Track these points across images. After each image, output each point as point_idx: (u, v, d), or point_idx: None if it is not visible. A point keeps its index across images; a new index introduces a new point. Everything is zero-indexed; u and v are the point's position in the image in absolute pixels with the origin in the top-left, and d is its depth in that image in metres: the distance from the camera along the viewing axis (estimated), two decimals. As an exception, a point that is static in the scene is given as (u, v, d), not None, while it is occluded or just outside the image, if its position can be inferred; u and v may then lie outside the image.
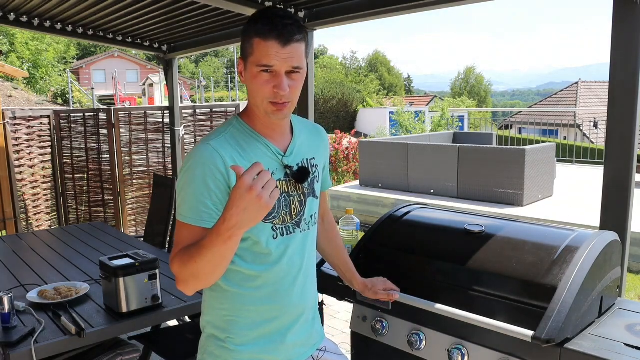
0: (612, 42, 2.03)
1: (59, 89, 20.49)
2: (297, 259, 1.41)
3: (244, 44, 1.31)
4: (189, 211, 1.27)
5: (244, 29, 1.31)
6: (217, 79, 35.09)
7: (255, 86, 1.30)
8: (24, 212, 5.38)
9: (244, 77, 1.34)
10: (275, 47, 1.25)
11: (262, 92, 1.29)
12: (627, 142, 2.01)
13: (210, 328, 1.45)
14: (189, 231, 1.26)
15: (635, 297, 4.90)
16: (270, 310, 1.40)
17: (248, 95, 1.36)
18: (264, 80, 1.28)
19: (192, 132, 6.25)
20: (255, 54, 1.27)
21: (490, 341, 1.62)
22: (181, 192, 1.29)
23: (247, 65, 1.31)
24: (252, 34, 1.28)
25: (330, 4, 3.35)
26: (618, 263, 1.77)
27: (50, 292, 2.30)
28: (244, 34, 1.30)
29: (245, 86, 1.37)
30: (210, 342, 1.45)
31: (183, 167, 1.30)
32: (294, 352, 1.46)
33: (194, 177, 1.26)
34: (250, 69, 1.30)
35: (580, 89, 23.18)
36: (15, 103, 15.05)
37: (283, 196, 1.37)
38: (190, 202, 1.26)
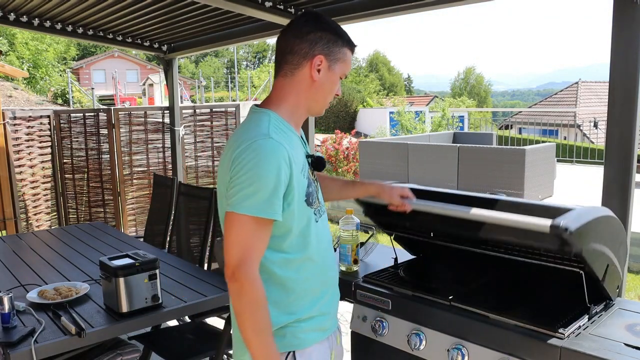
0: (612, 42, 2.03)
1: (59, 89, 20.47)
2: (329, 235, 1.56)
3: (333, 47, 1.43)
4: (263, 204, 1.30)
5: (335, 32, 1.44)
6: (217, 79, 35.07)
7: (329, 89, 1.46)
8: (24, 212, 5.37)
9: (321, 76, 1.43)
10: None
11: (331, 94, 1.47)
12: (627, 142, 2.01)
13: (290, 316, 1.45)
14: (259, 224, 1.30)
15: (635, 297, 4.90)
16: (322, 285, 1.51)
17: (309, 92, 1.45)
18: (337, 86, 1.48)
19: (192, 132, 6.25)
20: (345, 63, 1.46)
21: (490, 341, 1.62)
22: (249, 187, 1.30)
23: (332, 67, 1.44)
24: (344, 42, 1.45)
25: (330, 4, 3.35)
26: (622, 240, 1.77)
27: (50, 292, 2.30)
28: (337, 38, 1.44)
29: (298, 81, 1.44)
30: (294, 324, 1.46)
31: (246, 161, 1.31)
32: (335, 321, 1.60)
33: (267, 170, 1.30)
34: (334, 72, 1.45)
35: (580, 89, 23.17)
36: (15, 103, 15.05)
37: (314, 183, 1.48)
38: (263, 195, 1.29)
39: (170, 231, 3.84)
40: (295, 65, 1.43)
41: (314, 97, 1.46)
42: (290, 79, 1.44)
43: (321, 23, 1.43)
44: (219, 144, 6.46)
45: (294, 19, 1.49)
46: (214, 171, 6.46)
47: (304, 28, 1.42)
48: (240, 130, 1.43)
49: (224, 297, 2.39)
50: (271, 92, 1.49)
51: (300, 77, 1.44)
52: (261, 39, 4.44)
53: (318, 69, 1.42)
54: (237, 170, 1.32)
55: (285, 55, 1.44)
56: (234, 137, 1.42)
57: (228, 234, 1.33)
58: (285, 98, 1.45)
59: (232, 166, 1.33)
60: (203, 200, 3.48)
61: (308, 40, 1.41)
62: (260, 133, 1.35)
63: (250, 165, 1.30)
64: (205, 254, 3.37)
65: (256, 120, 1.41)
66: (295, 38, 1.42)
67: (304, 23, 1.44)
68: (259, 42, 51.36)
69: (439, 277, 2.02)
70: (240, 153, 1.32)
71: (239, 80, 33.46)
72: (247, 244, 1.31)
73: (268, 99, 1.48)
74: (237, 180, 1.31)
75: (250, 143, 1.33)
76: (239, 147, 1.34)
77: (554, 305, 1.72)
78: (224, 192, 1.39)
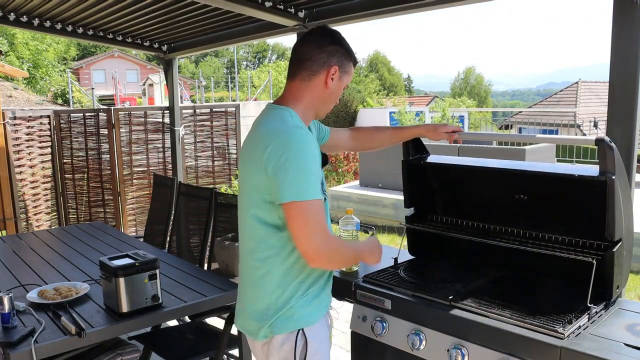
0: (612, 42, 2.03)
1: (59, 89, 20.44)
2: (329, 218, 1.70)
3: (345, 60, 1.63)
4: (316, 187, 1.46)
5: (346, 48, 1.64)
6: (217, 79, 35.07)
7: (336, 96, 1.66)
8: (24, 212, 5.38)
9: (333, 83, 1.62)
10: None
11: (336, 100, 1.67)
12: (627, 142, 2.01)
13: (297, 297, 1.57)
14: (320, 205, 1.47)
15: (635, 297, 4.90)
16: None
17: (321, 97, 1.63)
18: (341, 94, 1.68)
19: (192, 132, 6.25)
20: (350, 75, 1.67)
21: (490, 341, 1.62)
22: (303, 174, 1.44)
23: (342, 77, 1.64)
24: (352, 58, 1.66)
25: (330, 4, 3.35)
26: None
27: (50, 292, 2.30)
28: (348, 53, 1.64)
29: (313, 86, 1.61)
30: (301, 304, 1.58)
31: (289, 151, 1.44)
32: (331, 297, 1.74)
33: (310, 157, 1.47)
34: (343, 82, 1.65)
35: (580, 89, 23.15)
36: (15, 103, 15.04)
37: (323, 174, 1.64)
38: (315, 180, 1.46)
39: (170, 231, 3.84)
40: (314, 72, 1.60)
41: (324, 102, 1.64)
42: (307, 83, 1.61)
43: (337, 39, 1.63)
44: (219, 144, 6.46)
45: (313, 30, 1.67)
46: (214, 171, 6.46)
47: (324, 40, 1.61)
48: (267, 124, 1.55)
49: (224, 297, 2.39)
50: (285, 93, 1.64)
51: (316, 83, 1.60)
52: (261, 39, 4.44)
53: (332, 77, 1.60)
54: (284, 161, 1.43)
55: (304, 61, 1.60)
56: (262, 131, 1.54)
57: (301, 222, 1.45)
58: (300, 100, 1.61)
59: (274, 158, 1.44)
60: (203, 200, 3.48)
61: (327, 52, 1.60)
62: (293, 125, 1.51)
63: (294, 156, 1.43)
64: (205, 254, 3.37)
65: (280, 116, 1.55)
66: (316, 48, 1.60)
67: (324, 36, 1.63)
68: (259, 42, 51.36)
69: (439, 277, 2.03)
70: (280, 145, 1.45)
71: (239, 80, 33.45)
72: (322, 223, 1.47)
73: (283, 99, 1.63)
74: (288, 170, 1.43)
75: (287, 135, 1.47)
76: (275, 140, 1.47)
77: (554, 305, 1.72)
78: (258, 185, 1.50)
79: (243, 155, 1.63)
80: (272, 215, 1.52)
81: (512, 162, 2.09)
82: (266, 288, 1.57)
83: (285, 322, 1.55)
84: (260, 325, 1.57)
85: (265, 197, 1.51)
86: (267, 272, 1.56)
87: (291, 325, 1.55)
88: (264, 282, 1.57)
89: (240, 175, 1.67)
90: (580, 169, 1.80)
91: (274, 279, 1.56)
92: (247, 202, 1.58)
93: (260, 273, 1.58)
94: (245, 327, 1.66)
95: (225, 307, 2.51)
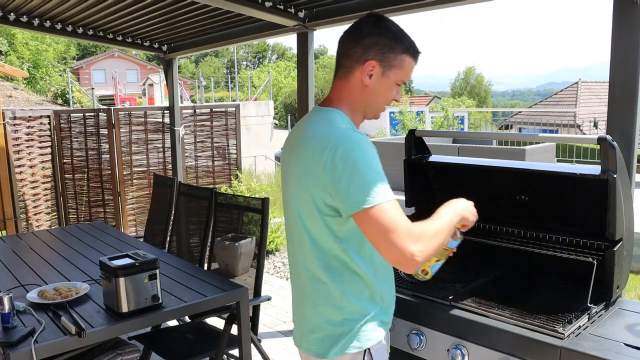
0: (612, 42, 2.03)
1: (59, 89, 20.45)
2: None
3: (389, 53, 1.41)
4: (384, 188, 1.31)
5: (393, 37, 1.42)
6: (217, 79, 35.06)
7: (384, 94, 1.46)
8: (24, 212, 5.37)
9: (372, 81, 1.43)
10: (414, 68, 1.47)
11: (387, 100, 1.47)
12: (627, 142, 2.01)
13: (367, 315, 1.45)
14: (393, 206, 1.30)
15: (635, 297, 4.90)
16: (390, 277, 1.53)
17: (361, 96, 1.46)
18: (394, 91, 1.47)
19: (192, 132, 6.25)
20: (403, 70, 1.44)
21: (490, 341, 1.62)
22: (367, 178, 1.30)
23: (386, 73, 1.43)
24: (403, 49, 1.43)
25: (330, 4, 3.35)
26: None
27: (50, 292, 2.30)
28: (394, 44, 1.41)
29: (351, 85, 1.45)
30: (370, 322, 1.46)
31: (347, 158, 1.31)
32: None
33: (370, 158, 1.33)
34: (388, 78, 1.44)
35: (580, 89, 23.15)
36: (15, 103, 15.04)
37: None
38: (380, 180, 1.31)
39: (170, 231, 3.84)
40: (349, 69, 1.44)
41: (367, 102, 1.47)
42: (345, 82, 1.46)
43: (379, 28, 1.42)
44: (218, 144, 6.46)
45: (358, 19, 1.48)
46: (214, 171, 6.46)
47: (361, 32, 1.43)
48: (316, 129, 1.42)
49: (224, 297, 2.39)
50: (330, 93, 1.50)
51: (353, 81, 1.45)
52: (261, 39, 4.44)
53: (369, 74, 1.42)
54: (342, 169, 1.30)
55: (341, 58, 1.46)
56: (312, 137, 1.41)
57: (378, 230, 1.29)
58: (343, 100, 1.47)
59: (331, 167, 1.32)
60: (203, 200, 3.48)
61: (362, 45, 1.41)
62: (345, 128, 1.38)
63: (356, 160, 1.31)
64: (205, 254, 3.37)
65: (329, 118, 1.43)
66: (352, 41, 1.43)
67: (363, 26, 1.44)
68: (259, 42, 51.36)
69: (439, 277, 2.02)
70: (337, 152, 1.31)
71: (239, 80, 33.46)
72: (401, 224, 1.29)
73: (329, 100, 1.50)
74: (351, 178, 1.30)
75: (342, 140, 1.34)
76: (329, 146, 1.33)
77: (554, 305, 1.72)
78: (315, 196, 1.38)
79: (290, 164, 1.49)
80: (336, 227, 1.39)
81: (513, 162, 2.09)
82: (334, 306, 1.44)
83: (355, 341, 1.42)
84: (332, 343, 1.44)
85: (324, 210, 1.38)
86: (335, 288, 1.43)
87: (360, 344, 1.43)
88: (331, 300, 1.44)
89: (288, 185, 1.52)
90: (582, 168, 1.80)
91: (344, 294, 1.42)
92: (302, 214, 1.44)
93: (325, 289, 1.44)
94: (310, 348, 1.50)
95: (225, 307, 2.51)
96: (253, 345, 2.59)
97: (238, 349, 2.49)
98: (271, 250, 6.10)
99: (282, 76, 40.14)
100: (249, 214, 3.09)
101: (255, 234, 2.98)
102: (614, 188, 1.63)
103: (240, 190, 6.22)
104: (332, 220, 1.38)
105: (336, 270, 1.42)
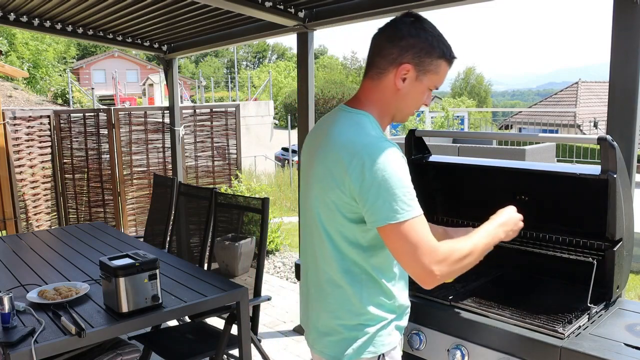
0: (612, 42, 2.03)
1: (59, 89, 20.45)
2: None
3: (425, 57, 1.36)
4: (412, 203, 1.28)
5: (431, 41, 1.36)
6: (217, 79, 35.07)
7: (416, 99, 1.41)
8: (24, 212, 5.38)
9: (406, 85, 1.38)
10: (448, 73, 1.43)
11: (417, 104, 1.43)
12: (627, 142, 2.01)
13: (384, 320, 1.44)
14: (421, 221, 1.29)
15: (635, 297, 4.90)
16: (406, 283, 1.53)
17: (392, 100, 1.41)
18: (425, 96, 1.43)
19: (192, 132, 6.25)
20: (438, 75, 1.39)
21: (490, 341, 1.62)
22: (396, 193, 1.26)
23: (420, 77, 1.38)
24: (440, 54, 1.37)
25: (330, 4, 3.35)
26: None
27: (50, 292, 2.30)
28: (432, 48, 1.36)
29: (383, 87, 1.40)
30: (386, 327, 1.45)
31: (377, 170, 1.27)
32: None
33: (401, 171, 1.29)
34: (422, 82, 1.39)
35: (580, 89, 23.16)
36: (15, 103, 15.04)
37: None
38: (409, 195, 1.29)
39: (170, 231, 3.84)
40: (382, 70, 1.39)
41: (398, 106, 1.42)
42: (376, 83, 1.41)
43: (418, 29, 1.36)
44: (218, 144, 6.46)
45: (395, 18, 1.41)
46: (214, 171, 6.46)
47: (398, 32, 1.36)
48: (344, 133, 1.37)
49: (224, 297, 2.39)
50: (359, 93, 1.45)
51: (385, 83, 1.39)
52: (261, 39, 4.44)
53: (403, 77, 1.37)
54: (371, 181, 1.27)
55: (375, 57, 1.40)
56: (339, 141, 1.35)
57: (403, 246, 1.28)
58: (373, 102, 1.42)
59: (360, 178, 1.28)
60: (203, 200, 3.48)
61: (399, 47, 1.35)
62: (376, 137, 1.33)
63: (387, 173, 1.27)
64: (205, 254, 3.37)
65: (358, 123, 1.38)
66: (387, 41, 1.37)
67: (400, 26, 1.37)
68: (259, 42, 51.36)
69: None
70: (366, 163, 1.28)
71: (239, 80, 33.46)
72: (425, 242, 1.28)
73: (357, 100, 1.44)
74: (379, 191, 1.26)
75: (372, 150, 1.29)
76: (358, 155, 1.29)
77: (554, 305, 1.72)
78: (337, 202, 1.35)
79: (314, 165, 1.44)
80: (359, 234, 1.36)
81: (513, 162, 2.09)
82: (351, 311, 1.41)
83: (370, 346, 1.41)
84: (346, 348, 1.42)
85: (347, 216, 1.35)
86: (353, 294, 1.40)
87: (375, 349, 1.41)
88: (349, 304, 1.41)
89: (309, 187, 1.47)
90: (582, 168, 1.80)
91: (362, 300, 1.41)
92: (323, 217, 1.41)
93: (343, 294, 1.42)
94: (324, 350, 1.47)
95: (225, 307, 2.51)
96: (253, 345, 2.59)
97: (238, 349, 2.49)
98: (271, 250, 6.10)
99: (282, 76, 40.15)
100: (249, 214, 3.09)
101: (255, 234, 2.98)
102: (614, 188, 1.62)
103: (240, 190, 6.22)
104: (356, 227, 1.36)
105: (355, 275, 1.40)
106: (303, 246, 1.58)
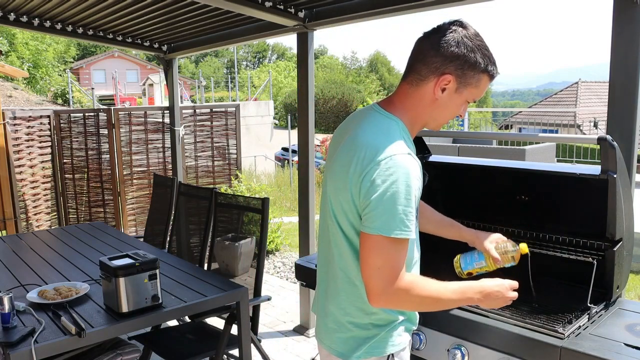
0: (612, 42, 2.03)
1: (59, 89, 20.46)
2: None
3: (468, 70, 1.32)
4: (405, 225, 1.26)
5: (476, 54, 1.32)
6: (217, 79, 35.08)
7: (452, 110, 1.38)
8: (24, 212, 5.37)
9: (444, 95, 1.35)
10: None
11: (452, 115, 1.39)
12: (627, 142, 2.01)
13: (396, 320, 1.45)
14: (404, 246, 1.29)
15: (635, 297, 4.90)
16: None
17: (428, 109, 1.38)
18: (462, 108, 1.40)
19: (192, 132, 6.25)
20: (478, 89, 1.36)
21: (490, 341, 1.62)
22: (393, 206, 1.25)
23: (460, 89, 1.35)
24: (483, 69, 1.34)
25: (330, 4, 3.35)
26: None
27: (50, 292, 2.30)
28: (476, 62, 1.32)
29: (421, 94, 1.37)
30: (396, 327, 1.45)
31: (389, 183, 1.25)
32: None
33: (407, 188, 1.26)
34: (461, 95, 1.36)
35: (580, 89, 23.15)
36: (15, 103, 15.04)
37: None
38: (409, 216, 1.27)
39: (170, 231, 3.84)
40: (422, 77, 1.35)
41: (433, 115, 1.40)
42: (414, 89, 1.37)
43: (465, 40, 1.31)
44: (218, 144, 6.46)
45: (441, 24, 1.36)
46: (214, 171, 6.46)
47: (444, 40, 1.31)
48: (370, 136, 1.34)
49: (224, 297, 2.39)
50: (394, 96, 1.42)
51: (423, 91, 1.36)
52: (261, 39, 4.44)
53: (443, 88, 1.34)
54: (377, 190, 1.26)
55: (416, 62, 1.36)
56: (363, 144, 1.33)
57: (374, 257, 1.28)
58: (408, 107, 1.39)
59: (369, 184, 1.27)
60: (203, 200, 3.48)
61: (443, 56, 1.31)
62: (399, 147, 1.29)
63: (402, 188, 1.25)
64: (205, 254, 3.37)
65: (387, 128, 1.34)
66: (432, 48, 1.33)
67: (447, 34, 1.32)
68: (259, 42, 51.37)
69: (439, 277, 2.02)
70: (381, 172, 1.26)
71: (239, 80, 33.47)
72: (396, 265, 1.29)
73: (391, 103, 1.41)
74: (390, 201, 1.25)
75: (392, 162, 1.26)
76: (377, 163, 1.27)
77: (554, 305, 1.72)
78: (343, 202, 1.35)
79: (333, 160, 1.43)
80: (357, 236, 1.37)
81: (513, 162, 2.09)
82: (362, 310, 1.41)
83: (380, 346, 1.41)
84: (355, 346, 1.42)
85: (349, 216, 1.36)
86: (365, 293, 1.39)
87: (384, 349, 1.41)
88: (361, 303, 1.40)
89: (327, 180, 1.46)
90: (582, 168, 1.80)
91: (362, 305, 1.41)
92: (337, 215, 1.40)
93: (357, 293, 1.41)
94: (333, 346, 1.47)
95: (225, 307, 2.51)
96: (253, 345, 2.59)
97: (238, 349, 2.49)
98: (271, 250, 6.10)
99: (282, 76, 40.15)
100: (249, 214, 3.09)
101: (255, 234, 2.98)
102: (614, 188, 1.63)
103: (240, 190, 6.22)
104: (355, 229, 1.37)
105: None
106: (323, 242, 1.55)
